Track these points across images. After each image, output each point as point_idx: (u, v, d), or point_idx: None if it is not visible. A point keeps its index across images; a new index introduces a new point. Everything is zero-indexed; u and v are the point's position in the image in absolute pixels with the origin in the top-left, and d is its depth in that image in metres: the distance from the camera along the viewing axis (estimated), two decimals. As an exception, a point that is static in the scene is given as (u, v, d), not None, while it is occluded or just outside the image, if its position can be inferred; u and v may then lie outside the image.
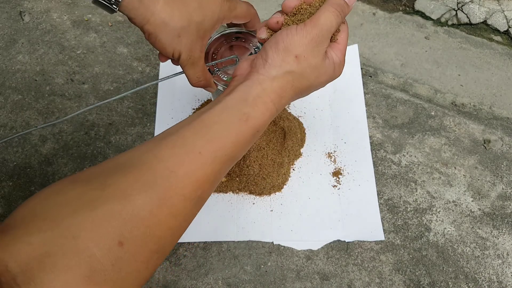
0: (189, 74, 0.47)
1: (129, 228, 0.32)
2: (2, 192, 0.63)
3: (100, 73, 0.73)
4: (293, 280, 0.59)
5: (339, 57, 0.43)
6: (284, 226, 0.62)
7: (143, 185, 0.34)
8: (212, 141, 0.38)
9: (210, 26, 0.45)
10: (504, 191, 0.66)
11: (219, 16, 0.45)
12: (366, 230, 0.62)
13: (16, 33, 0.76)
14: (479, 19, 0.80)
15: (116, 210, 0.32)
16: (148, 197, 0.34)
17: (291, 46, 0.40)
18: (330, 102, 0.71)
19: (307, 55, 0.40)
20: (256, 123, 0.39)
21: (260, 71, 0.41)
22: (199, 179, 0.37)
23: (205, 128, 0.38)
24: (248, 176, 0.63)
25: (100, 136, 0.67)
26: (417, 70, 0.76)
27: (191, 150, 0.37)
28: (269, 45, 0.41)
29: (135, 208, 0.33)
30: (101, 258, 0.31)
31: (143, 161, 0.36)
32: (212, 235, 0.61)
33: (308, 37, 0.40)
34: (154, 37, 0.43)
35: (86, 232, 0.31)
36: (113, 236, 0.32)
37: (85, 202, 0.32)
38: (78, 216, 0.31)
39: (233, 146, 0.38)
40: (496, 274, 0.60)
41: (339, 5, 0.42)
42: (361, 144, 0.68)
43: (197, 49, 0.45)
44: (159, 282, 0.58)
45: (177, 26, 0.43)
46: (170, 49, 0.44)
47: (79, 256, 0.30)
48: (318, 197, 0.64)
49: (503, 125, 0.71)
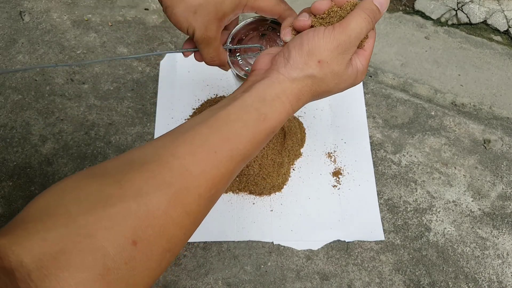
0: (203, 53, 0.47)
1: (144, 227, 0.32)
2: (2, 192, 0.63)
3: (100, 73, 0.73)
4: (293, 280, 0.59)
5: (364, 64, 0.42)
6: (284, 226, 0.62)
7: (159, 183, 0.34)
8: (228, 140, 0.37)
9: (229, 9, 0.44)
10: (504, 191, 0.66)
11: (241, 1, 0.44)
12: (366, 230, 0.62)
13: (16, 33, 0.76)
14: (479, 19, 0.80)
15: (132, 209, 0.32)
16: (164, 196, 0.34)
17: (315, 49, 0.39)
18: (330, 102, 0.71)
19: (330, 61, 0.39)
20: (272, 124, 0.39)
21: (280, 70, 0.40)
22: (214, 178, 0.36)
23: (222, 126, 0.37)
24: (248, 176, 0.63)
25: (100, 136, 0.67)
26: (417, 70, 0.76)
27: (208, 148, 0.36)
28: (293, 45, 0.40)
29: (151, 207, 0.33)
30: (115, 257, 0.31)
31: (159, 157, 0.35)
32: (212, 235, 0.61)
33: (334, 43, 0.39)
34: (170, 11, 0.43)
35: (101, 231, 0.31)
36: (128, 235, 0.31)
37: (101, 199, 0.32)
38: (93, 214, 0.31)
39: (249, 146, 0.38)
40: (496, 274, 0.60)
41: (372, 11, 0.40)
42: (361, 144, 0.68)
43: (212, 29, 0.45)
44: (159, 282, 0.58)
45: (194, 2, 0.42)
46: (185, 24, 0.44)
47: (94, 255, 0.30)
48: (318, 197, 0.64)
49: (503, 125, 0.71)
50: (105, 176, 0.34)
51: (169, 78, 0.72)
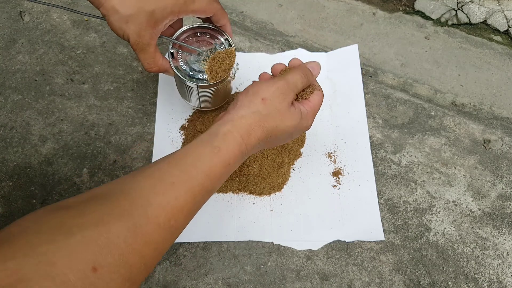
0: (140, 58, 0.52)
1: (104, 255, 0.33)
2: (2, 192, 0.63)
3: (100, 73, 0.73)
4: (293, 280, 0.59)
5: (308, 110, 0.49)
6: (284, 226, 0.62)
7: (119, 213, 0.36)
8: (185, 172, 0.40)
9: (161, 17, 0.49)
10: (504, 191, 0.66)
11: (173, 9, 0.49)
12: (366, 230, 0.62)
13: (16, 33, 0.76)
14: (479, 19, 0.80)
15: (92, 237, 0.33)
16: (124, 225, 0.35)
17: (259, 90, 0.46)
18: (330, 102, 0.71)
19: (272, 98, 0.46)
20: (227, 156, 0.42)
21: (231, 112, 0.46)
22: (173, 208, 0.38)
23: (179, 160, 0.41)
24: (248, 176, 0.63)
25: (100, 136, 0.67)
26: (417, 70, 0.76)
27: (166, 181, 0.39)
28: (240, 93, 0.47)
29: (111, 236, 0.34)
30: (75, 283, 0.31)
31: (121, 190, 0.38)
32: (212, 235, 0.61)
33: (275, 85, 0.46)
34: (107, 19, 0.49)
35: (62, 258, 0.31)
36: (88, 261, 0.32)
37: (62, 230, 0.33)
38: (54, 243, 0.32)
39: (206, 177, 0.41)
40: (496, 274, 0.60)
41: (304, 69, 0.50)
42: (361, 144, 0.68)
43: (146, 36, 0.49)
44: (159, 282, 0.58)
45: (125, 12, 0.47)
46: (120, 32, 0.49)
47: (54, 281, 0.30)
48: (318, 197, 0.64)
49: (503, 125, 0.71)
50: (68, 209, 0.36)
51: (169, 78, 0.72)
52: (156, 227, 0.37)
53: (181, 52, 0.57)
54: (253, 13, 0.81)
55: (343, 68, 0.74)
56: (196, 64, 0.57)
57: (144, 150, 0.66)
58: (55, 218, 0.34)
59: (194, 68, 0.57)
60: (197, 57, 0.57)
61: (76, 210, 0.35)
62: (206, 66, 0.57)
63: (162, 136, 0.67)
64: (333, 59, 0.75)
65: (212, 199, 0.63)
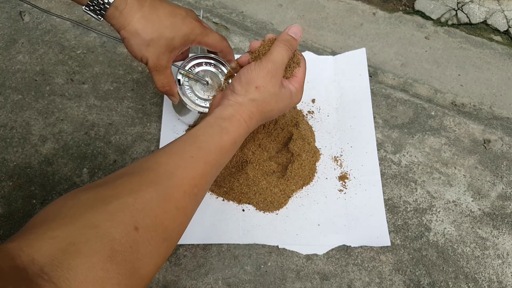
0: (155, 79, 0.57)
1: (142, 217, 0.37)
2: (2, 192, 0.63)
3: (100, 73, 0.73)
4: (293, 280, 0.59)
5: (296, 87, 0.52)
6: (290, 230, 0.61)
7: (149, 183, 0.40)
8: (201, 148, 0.45)
9: (179, 44, 0.54)
10: (504, 191, 0.66)
11: (190, 37, 0.55)
12: (372, 236, 0.61)
13: (16, 33, 0.76)
14: (479, 19, 0.80)
15: (129, 203, 0.37)
16: (155, 191, 0.39)
17: (251, 80, 0.49)
18: (336, 106, 0.71)
19: (266, 85, 0.49)
20: (233, 135, 0.47)
21: (229, 97, 0.50)
22: (194, 178, 0.43)
23: (193, 139, 0.46)
24: (252, 199, 0.63)
25: (100, 136, 0.67)
26: (417, 70, 0.76)
27: (185, 155, 0.44)
28: (235, 80, 0.51)
29: (145, 201, 0.38)
30: (121, 240, 0.35)
31: (145, 167, 0.42)
32: (217, 238, 0.61)
33: (264, 71, 0.49)
34: (127, 42, 0.53)
35: (104, 222, 0.35)
36: (129, 222, 0.36)
37: (99, 201, 0.37)
38: (95, 211, 0.36)
39: (219, 152, 0.46)
40: (496, 274, 0.60)
41: (287, 41, 0.51)
42: (368, 148, 0.67)
43: (164, 59, 0.54)
44: (159, 282, 0.58)
45: (147, 37, 0.52)
46: (139, 54, 0.53)
47: (101, 241, 0.34)
48: (324, 201, 0.63)
49: (503, 125, 0.71)
50: (98, 187, 0.39)
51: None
52: (182, 194, 0.41)
53: (188, 79, 0.62)
54: (253, 13, 0.81)
55: (350, 71, 0.73)
56: (201, 92, 0.62)
57: (144, 150, 0.66)
58: (90, 193, 0.38)
59: (199, 95, 0.62)
60: (202, 86, 0.63)
61: (107, 185, 0.39)
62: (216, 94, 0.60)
63: (168, 136, 0.67)
64: (341, 62, 0.74)
65: (218, 202, 0.63)
